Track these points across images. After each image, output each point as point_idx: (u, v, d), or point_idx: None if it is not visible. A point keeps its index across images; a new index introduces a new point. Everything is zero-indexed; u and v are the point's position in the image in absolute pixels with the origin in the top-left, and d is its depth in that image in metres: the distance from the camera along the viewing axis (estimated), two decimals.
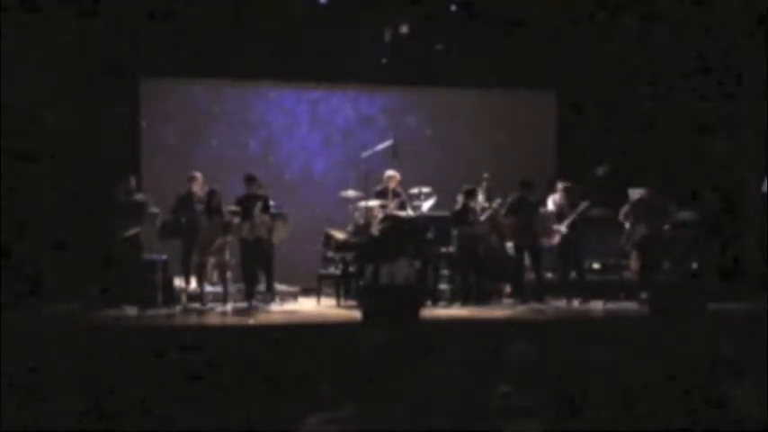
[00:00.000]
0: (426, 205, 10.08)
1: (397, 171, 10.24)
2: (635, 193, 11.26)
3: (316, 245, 10.34)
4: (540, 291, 9.84)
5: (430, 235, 9.67)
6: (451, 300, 9.81)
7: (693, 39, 11.16)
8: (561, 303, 9.84)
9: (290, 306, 9.77)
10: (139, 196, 9.94)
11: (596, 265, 10.77)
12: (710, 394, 3.14)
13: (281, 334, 7.77)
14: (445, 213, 9.96)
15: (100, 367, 5.90)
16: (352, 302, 9.49)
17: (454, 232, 9.82)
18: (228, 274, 9.43)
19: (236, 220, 9.36)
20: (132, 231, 9.68)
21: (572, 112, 12.27)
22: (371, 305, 8.07)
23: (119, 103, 10.80)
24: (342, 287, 9.81)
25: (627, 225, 10.23)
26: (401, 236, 9.53)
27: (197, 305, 9.20)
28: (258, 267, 9.61)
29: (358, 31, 10.89)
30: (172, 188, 9.76)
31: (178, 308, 8.99)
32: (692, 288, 9.11)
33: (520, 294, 9.95)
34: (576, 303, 9.76)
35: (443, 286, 10.07)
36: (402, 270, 9.47)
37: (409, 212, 10.01)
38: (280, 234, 9.83)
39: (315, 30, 10.72)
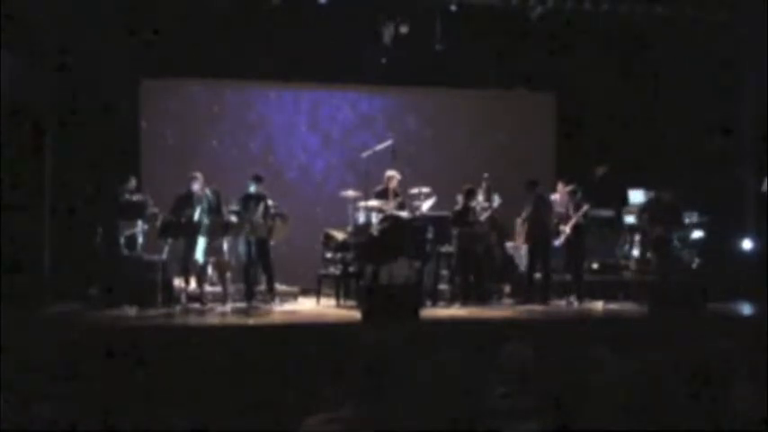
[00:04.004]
0: (426, 205, 10.07)
1: (397, 171, 10.24)
2: (635, 194, 11.29)
3: (316, 245, 10.34)
4: (546, 290, 9.85)
5: (430, 235, 9.67)
6: (451, 300, 9.81)
7: (694, 39, 11.16)
8: (561, 303, 9.86)
9: (290, 306, 9.77)
10: (139, 196, 9.94)
11: (596, 265, 10.78)
12: (710, 394, 3.14)
13: (281, 334, 7.76)
14: (445, 213, 9.96)
15: (100, 367, 5.90)
16: (351, 302, 9.49)
17: (454, 232, 9.83)
18: (228, 275, 9.44)
19: (236, 219, 9.37)
20: (130, 231, 9.69)
21: (572, 112, 12.28)
22: (371, 305, 8.07)
23: (119, 103, 10.79)
24: (342, 287, 9.81)
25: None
26: (401, 236, 9.52)
27: (197, 305, 9.21)
28: (258, 267, 9.61)
29: (358, 31, 10.89)
30: (172, 188, 9.75)
31: (178, 308, 8.98)
32: (692, 288, 9.11)
33: (522, 294, 9.96)
34: (575, 303, 9.78)
35: (443, 286, 10.07)
36: (402, 270, 9.47)
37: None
38: (279, 234, 9.85)
39: (315, 30, 10.72)
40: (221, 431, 4.74)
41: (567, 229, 9.91)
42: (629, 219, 11.15)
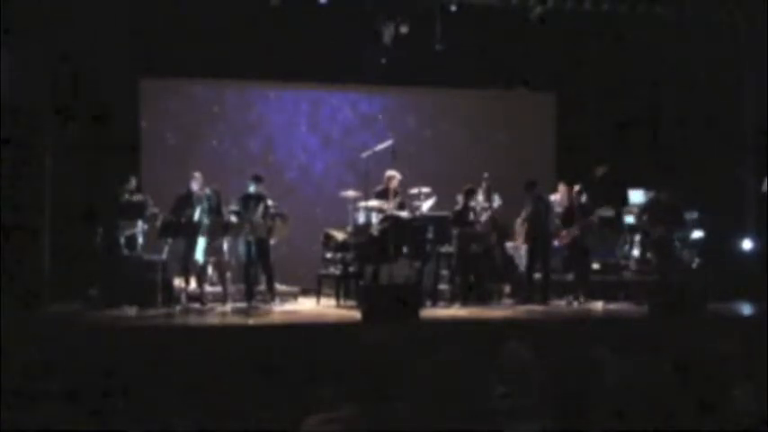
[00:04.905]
0: (426, 205, 10.07)
1: (397, 171, 10.23)
2: (635, 194, 11.28)
3: (315, 245, 10.34)
4: (546, 290, 9.85)
5: (430, 235, 9.66)
6: (451, 300, 9.81)
7: (694, 39, 11.16)
8: (561, 303, 9.86)
9: (290, 306, 9.77)
10: (139, 196, 9.94)
11: (596, 265, 10.77)
12: (710, 394, 3.14)
13: (281, 334, 7.76)
14: (445, 213, 9.96)
15: (100, 367, 5.90)
16: (351, 302, 9.49)
17: (454, 232, 9.83)
18: (228, 275, 9.44)
19: (236, 219, 9.37)
20: (130, 231, 9.68)
21: (572, 112, 12.27)
22: (371, 305, 8.07)
23: (119, 103, 10.80)
24: (342, 287, 9.81)
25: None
26: (401, 236, 9.52)
27: (197, 305, 9.21)
28: (258, 267, 9.61)
29: (358, 31, 10.89)
30: (172, 188, 9.75)
31: (178, 308, 8.98)
32: (692, 288, 9.11)
33: (522, 294, 9.96)
34: (575, 303, 9.78)
35: (443, 286, 10.07)
36: (402, 270, 9.47)
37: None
38: (279, 233, 9.85)
39: (315, 30, 10.72)
40: (221, 431, 4.74)
41: (576, 230, 9.90)
42: (629, 219, 11.15)
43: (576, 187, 10.12)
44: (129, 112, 11.09)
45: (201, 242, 9.25)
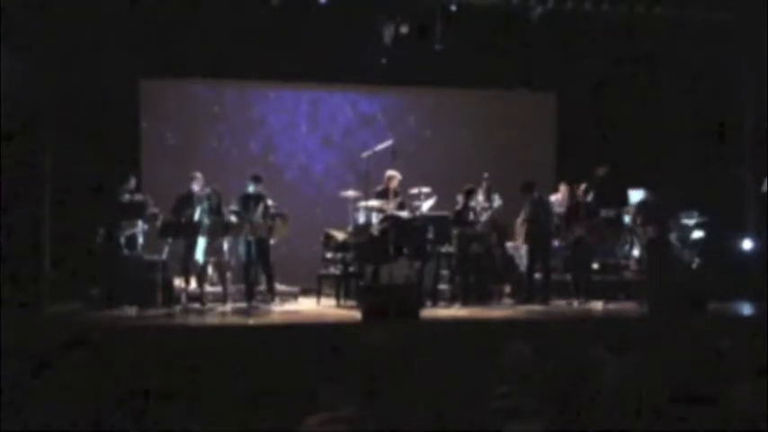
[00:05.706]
0: (426, 205, 10.07)
1: (397, 171, 10.23)
2: (636, 194, 11.29)
3: (316, 245, 10.34)
4: (547, 291, 9.84)
5: (430, 235, 9.67)
6: (451, 300, 9.81)
7: (694, 39, 11.15)
8: (561, 303, 9.86)
9: (290, 306, 9.77)
10: (139, 196, 9.94)
11: (596, 265, 10.78)
12: (710, 394, 3.14)
13: (281, 334, 7.76)
14: (445, 213, 9.96)
15: (99, 367, 5.89)
16: (351, 302, 9.49)
17: (454, 232, 9.83)
18: (228, 275, 9.44)
19: (236, 219, 9.38)
20: (130, 231, 9.69)
21: (572, 112, 12.27)
22: (371, 305, 8.07)
23: (119, 103, 10.80)
24: (342, 287, 9.81)
25: (637, 228, 10.23)
26: (401, 236, 9.53)
27: (197, 305, 9.21)
28: (258, 267, 9.61)
29: (358, 31, 10.89)
30: (172, 188, 9.76)
31: (178, 308, 8.99)
32: (692, 288, 9.11)
33: (522, 294, 9.96)
34: (575, 303, 9.77)
35: (443, 286, 10.07)
36: (402, 270, 9.47)
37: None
38: (279, 233, 9.86)
39: (315, 30, 10.72)
40: (221, 431, 4.74)
41: (581, 229, 9.89)
42: (629, 219, 11.16)
43: (583, 186, 10.12)
44: (129, 112, 11.09)
45: (202, 242, 9.25)
